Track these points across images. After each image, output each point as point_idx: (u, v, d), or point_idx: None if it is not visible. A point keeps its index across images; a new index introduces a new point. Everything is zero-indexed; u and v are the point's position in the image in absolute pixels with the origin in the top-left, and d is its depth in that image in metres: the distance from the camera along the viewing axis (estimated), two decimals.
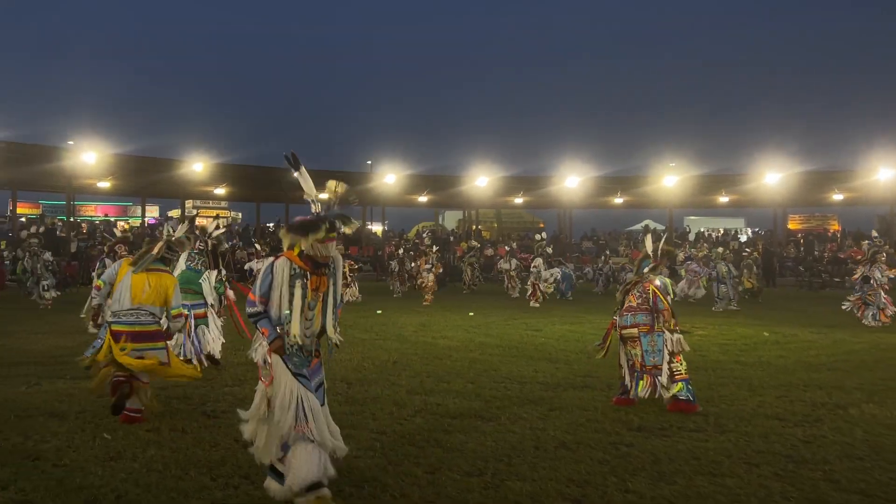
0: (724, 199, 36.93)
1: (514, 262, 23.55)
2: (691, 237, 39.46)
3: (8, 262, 23.19)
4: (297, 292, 4.35)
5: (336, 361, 9.30)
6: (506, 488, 4.58)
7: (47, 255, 18.16)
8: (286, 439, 4.20)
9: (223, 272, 9.40)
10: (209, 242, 9.17)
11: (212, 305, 8.88)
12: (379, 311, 16.59)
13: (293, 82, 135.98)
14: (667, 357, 6.86)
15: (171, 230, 7.49)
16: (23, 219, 33.93)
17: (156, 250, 6.51)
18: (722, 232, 42.99)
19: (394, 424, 6.13)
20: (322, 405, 4.39)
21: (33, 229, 28.07)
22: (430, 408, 6.76)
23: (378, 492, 4.47)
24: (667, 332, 6.97)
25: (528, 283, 19.93)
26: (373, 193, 35.43)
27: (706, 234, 40.97)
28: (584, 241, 40.43)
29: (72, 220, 31.25)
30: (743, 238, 41.47)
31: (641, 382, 6.85)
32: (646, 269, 7.30)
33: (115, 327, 6.18)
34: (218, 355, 8.82)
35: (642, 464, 5.12)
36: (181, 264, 8.49)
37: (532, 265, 20.09)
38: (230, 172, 31.98)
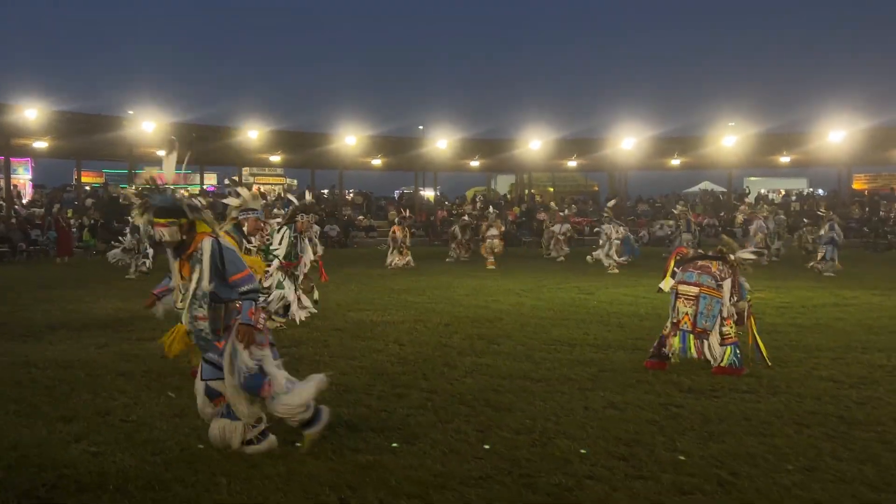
0: (785, 158, 35.77)
1: (566, 226, 23.38)
2: (751, 199, 38.48)
3: (75, 229, 24.04)
4: (174, 272, 4.60)
5: (389, 324, 9.50)
6: (553, 446, 4.67)
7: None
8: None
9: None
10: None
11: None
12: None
13: (346, 49, 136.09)
14: (719, 321, 6.79)
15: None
16: (87, 188, 35.03)
17: (229, 220, 6.98)
18: (783, 193, 41.79)
19: (444, 384, 6.26)
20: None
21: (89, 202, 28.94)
22: (480, 369, 6.87)
23: (428, 448, 4.60)
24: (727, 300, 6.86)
25: (602, 252, 19.28)
26: (424, 159, 35.44)
27: (766, 195, 39.89)
28: (640, 204, 39.81)
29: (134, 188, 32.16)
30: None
31: (690, 343, 6.77)
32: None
33: None
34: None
35: (692, 424, 5.14)
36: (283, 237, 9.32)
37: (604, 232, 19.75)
38: (285, 139, 32.34)
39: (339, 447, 4.60)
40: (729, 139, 32.11)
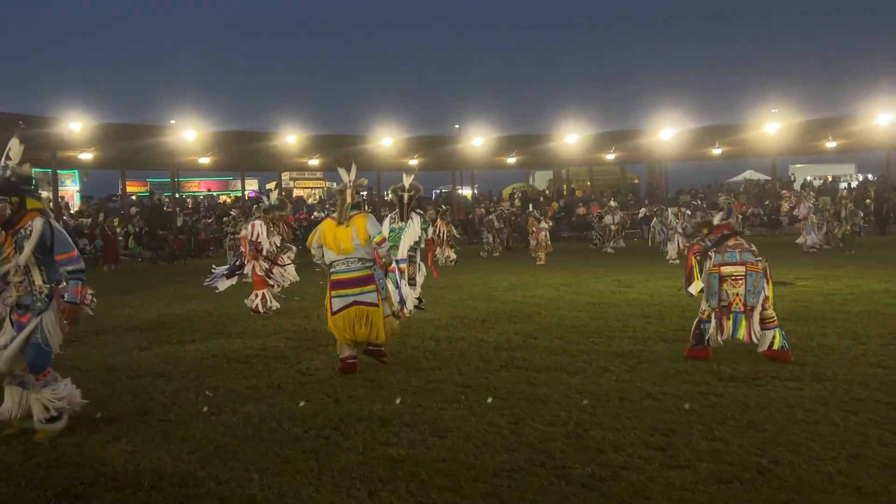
0: (831, 143, 34.84)
1: (618, 215, 23.21)
2: (797, 186, 37.60)
3: (121, 237, 24.57)
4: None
5: (425, 321, 9.48)
6: (588, 437, 4.59)
7: None
8: None
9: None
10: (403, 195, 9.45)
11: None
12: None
13: (380, 49, 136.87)
14: (761, 300, 6.61)
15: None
16: (133, 196, 35.81)
17: (349, 199, 6.85)
18: (830, 179, 40.73)
19: (479, 378, 6.21)
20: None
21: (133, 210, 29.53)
22: (515, 362, 6.81)
23: (460, 441, 4.56)
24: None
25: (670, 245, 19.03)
26: (460, 157, 35.42)
27: (812, 181, 38.93)
28: (682, 196, 39.18)
29: (177, 195, 32.78)
30: (853, 184, 39.15)
31: (742, 325, 6.56)
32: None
33: (332, 277, 6.71)
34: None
35: (731, 413, 5.01)
36: (386, 226, 9.05)
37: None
38: (322, 143, 32.65)
39: (370, 441, 4.59)
40: (772, 126, 31.40)
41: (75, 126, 24.55)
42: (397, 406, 5.40)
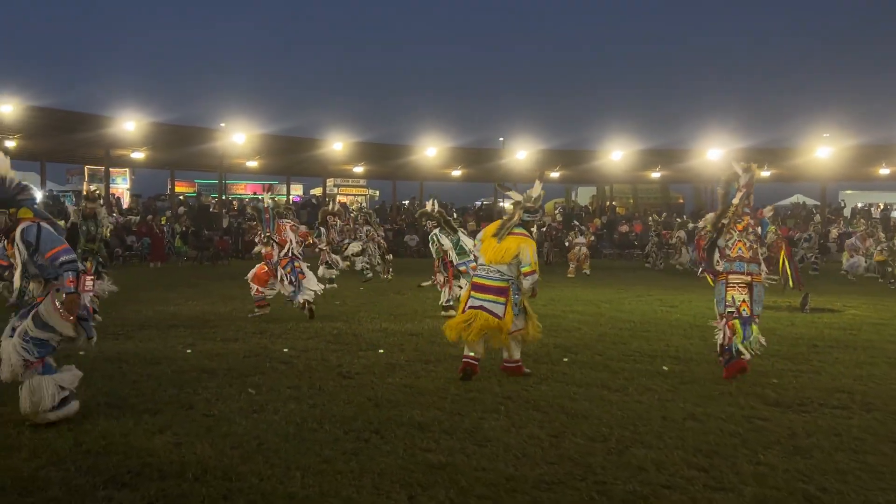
0: (884, 171, 34.08)
1: (680, 233, 23.00)
2: (847, 213, 36.77)
3: (168, 236, 25.07)
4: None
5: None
6: (629, 454, 4.54)
7: None
8: None
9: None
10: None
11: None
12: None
13: (428, 62, 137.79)
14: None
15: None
16: (180, 197, 36.53)
17: (516, 217, 7.00)
18: (882, 207, 39.73)
19: (519, 390, 6.19)
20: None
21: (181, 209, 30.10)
22: (555, 376, 6.77)
23: (500, 451, 4.55)
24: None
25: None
26: (503, 170, 35.42)
27: (863, 209, 38.01)
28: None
29: (224, 197, 33.36)
30: None
31: (753, 330, 6.76)
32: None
33: (474, 280, 7.02)
34: None
35: (777, 437, 4.91)
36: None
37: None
38: (368, 151, 32.98)
39: (410, 447, 4.61)
40: (823, 150, 30.81)
41: (129, 125, 25.17)
42: (437, 413, 5.41)
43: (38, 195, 5.63)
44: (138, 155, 29.58)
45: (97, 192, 7.27)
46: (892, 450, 4.68)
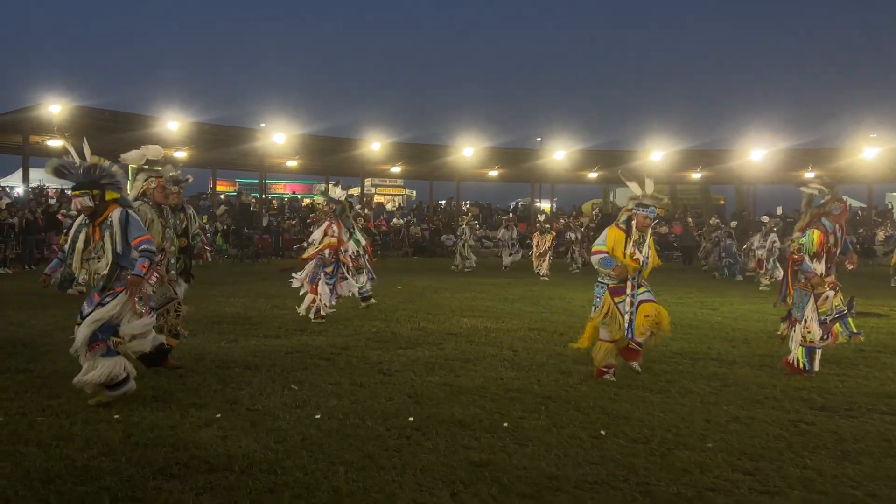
0: None
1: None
2: (895, 215, 35.90)
3: (209, 234, 25.45)
4: (81, 236, 5.44)
5: (503, 331, 9.49)
6: (673, 456, 4.51)
7: None
8: None
9: None
10: None
11: None
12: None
13: (466, 62, 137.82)
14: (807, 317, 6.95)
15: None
16: (221, 196, 37.08)
17: (623, 212, 7.02)
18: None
19: (559, 390, 6.18)
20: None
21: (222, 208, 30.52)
22: (596, 378, 6.74)
23: (542, 451, 4.55)
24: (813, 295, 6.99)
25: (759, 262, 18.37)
26: (541, 170, 35.27)
27: None
28: (770, 219, 37.90)
29: (263, 196, 33.75)
30: None
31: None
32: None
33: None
34: None
35: (824, 442, 4.83)
36: None
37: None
38: (405, 151, 33.08)
39: (452, 444, 4.63)
40: (870, 151, 30.09)
41: (173, 125, 25.61)
42: (477, 411, 5.43)
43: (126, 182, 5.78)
44: (181, 154, 30.05)
45: (179, 174, 7.13)
46: None
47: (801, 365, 6.96)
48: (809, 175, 34.67)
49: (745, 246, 20.63)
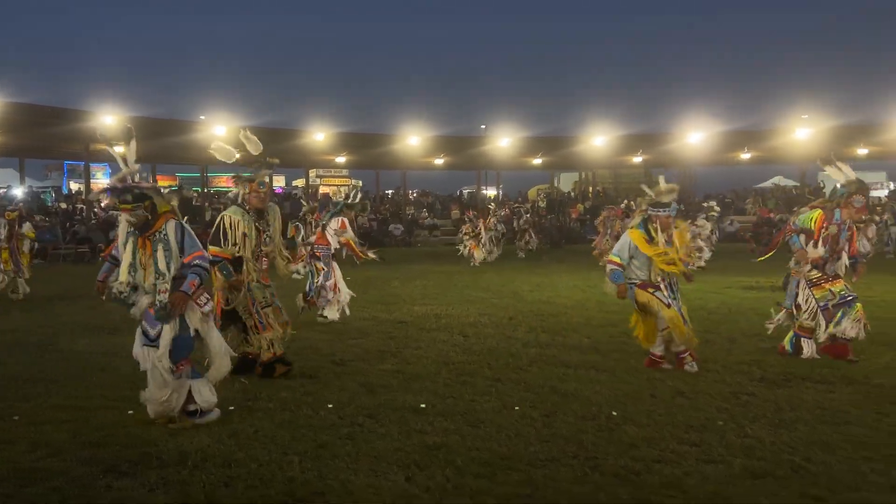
0: (862, 151, 34.44)
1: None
2: (826, 193, 37.18)
3: None
4: (129, 247, 4.96)
5: (453, 317, 9.57)
6: (621, 432, 4.64)
7: None
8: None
9: None
10: None
11: None
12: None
13: (408, 50, 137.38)
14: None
15: None
16: (164, 190, 36.23)
17: (637, 214, 6.79)
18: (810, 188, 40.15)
19: (510, 373, 6.28)
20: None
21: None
22: (545, 359, 6.87)
23: (494, 432, 4.64)
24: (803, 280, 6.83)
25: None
26: (486, 157, 35.45)
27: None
28: (709, 200, 38.85)
29: (206, 190, 33.17)
30: (884, 192, 38.60)
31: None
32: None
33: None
34: None
35: (763, 412, 5.04)
36: None
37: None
38: (350, 141, 32.87)
39: (405, 429, 4.68)
40: (802, 131, 31.09)
41: (109, 119, 24.93)
42: (430, 396, 5.48)
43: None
44: (119, 149, 29.28)
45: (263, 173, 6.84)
46: (874, 421, 4.82)
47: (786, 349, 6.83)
48: (745, 156, 35.69)
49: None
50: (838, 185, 7.14)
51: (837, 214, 6.81)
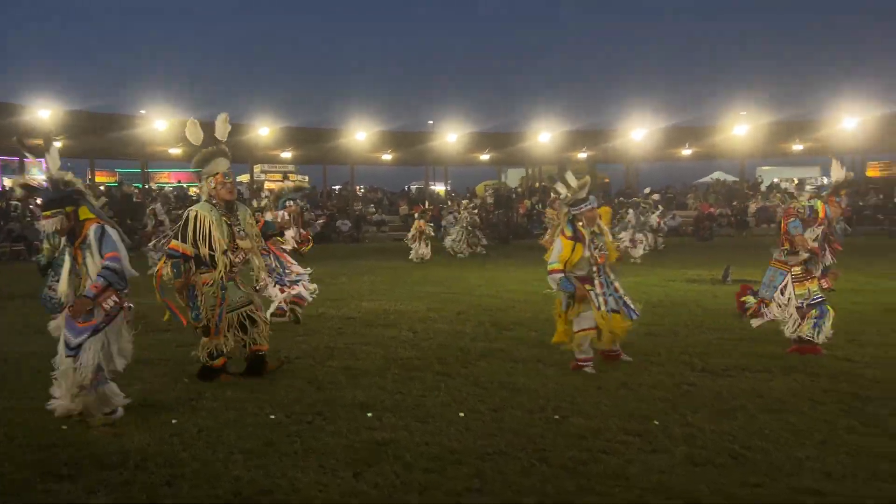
0: (798, 147, 35.60)
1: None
2: (763, 188, 38.27)
3: None
4: (67, 257, 4.92)
5: (402, 313, 9.55)
6: (568, 424, 4.70)
7: None
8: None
9: None
10: None
11: None
12: None
13: (355, 45, 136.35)
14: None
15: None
16: (101, 187, 35.27)
17: (562, 217, 6.65)
18: (796, 182, 41.50)
19: (459, 368, 6.30)
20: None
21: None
22: (493, 353, 6.91)
23: (443, 426, 4.65)
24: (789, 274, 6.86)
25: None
26: (434, 153, 35.48)
27: (779, 184, 39.64)
28: (653, 195, 39.60)
29: (147, 186, 32.40)
30: (818, 185, 39.90)
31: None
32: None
33: None
34: None
35: (704, 401, 5.17)
36: None
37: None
38: (296, 135, 32.50)
39: (354, 426, 4.66)
40: (740, 128, 31.95)
41: (44, 113, 24.16)
42: (379, 393, 5.47)
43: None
44: (55, 144, 28.39)
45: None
46: (810, 408, 4.98)
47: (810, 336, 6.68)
48: (686, 152, 36.49)
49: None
50: (826, 181, 7.34)
51: (828, 210, 6.93)
